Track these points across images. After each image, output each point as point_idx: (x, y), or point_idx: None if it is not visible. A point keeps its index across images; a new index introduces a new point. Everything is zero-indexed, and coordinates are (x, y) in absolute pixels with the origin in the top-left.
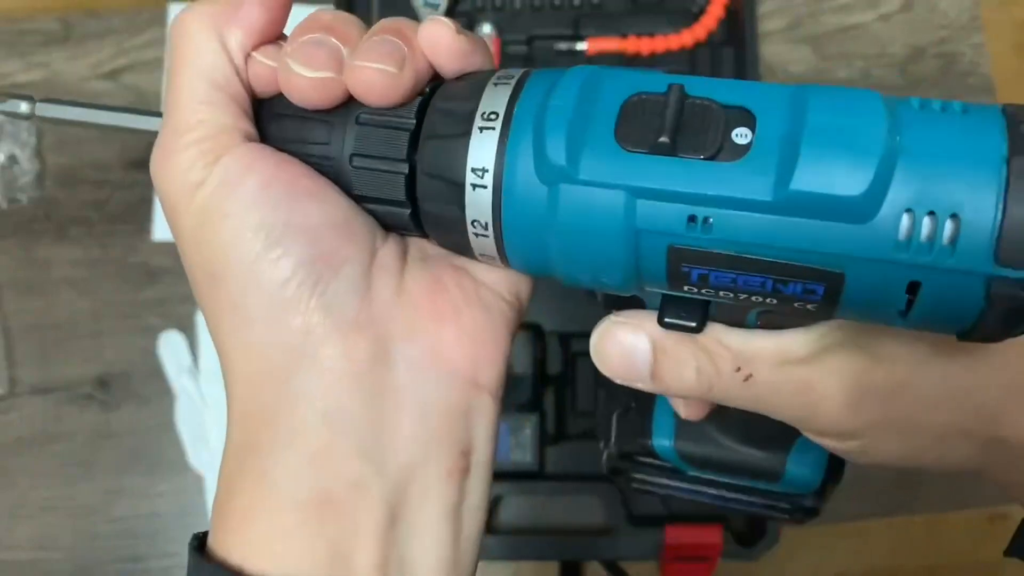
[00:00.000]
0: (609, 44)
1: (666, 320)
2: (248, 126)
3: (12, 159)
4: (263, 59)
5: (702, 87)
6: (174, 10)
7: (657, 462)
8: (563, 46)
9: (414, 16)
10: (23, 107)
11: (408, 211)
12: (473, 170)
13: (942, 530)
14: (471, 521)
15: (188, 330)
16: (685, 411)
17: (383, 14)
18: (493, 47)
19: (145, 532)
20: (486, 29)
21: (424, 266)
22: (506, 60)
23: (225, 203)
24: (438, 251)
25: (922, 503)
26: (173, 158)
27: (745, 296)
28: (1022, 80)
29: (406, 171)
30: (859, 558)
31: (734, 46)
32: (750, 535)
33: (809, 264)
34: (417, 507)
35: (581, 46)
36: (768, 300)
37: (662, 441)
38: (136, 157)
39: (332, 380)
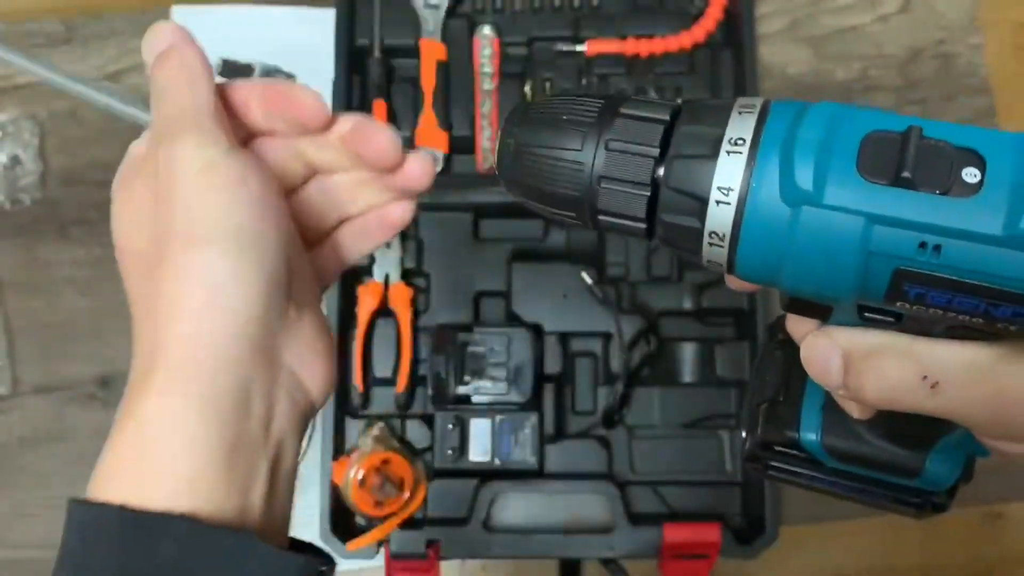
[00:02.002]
0: (609, 46)
1: (867, 315)
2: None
3: (15, 160)
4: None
5: (935, 129)
6: (177, 12)
7: (798, 453)
8: (563, 47)
9: (415, 17)
10: None
11: (644, 226)
12: (719, 188)
13: (938, 529)
14: None
15: None
16: (856, 411)
17: (384, 16)
18: (493, 48)
19: None
20: (486, 31)
21: (307, 316)
22: (506, 61)
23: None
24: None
25: None
26: (184, 135)
27: (953, 315)
28: (1020, 81)
29: (649, 193)
30: (856, 556)
31: (733, 47)
32: (748, 533)
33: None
34: (285, 454)
35: (581, 47)
36: (974, 320)
37: (809, 435)
38: None
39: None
